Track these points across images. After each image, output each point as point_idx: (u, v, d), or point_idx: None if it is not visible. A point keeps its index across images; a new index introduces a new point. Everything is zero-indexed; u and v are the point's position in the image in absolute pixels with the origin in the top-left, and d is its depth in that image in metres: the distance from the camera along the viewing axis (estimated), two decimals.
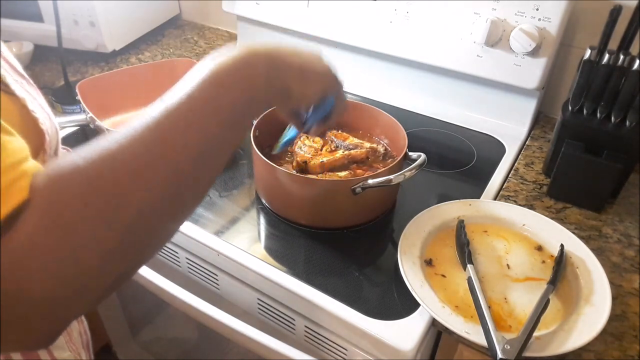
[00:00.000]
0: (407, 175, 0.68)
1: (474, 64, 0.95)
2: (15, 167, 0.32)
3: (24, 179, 0.31)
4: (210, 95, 0.38)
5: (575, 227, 0.75)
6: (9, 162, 0.31)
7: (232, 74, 0.40)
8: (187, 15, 1.44)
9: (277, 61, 0.44)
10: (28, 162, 0.33)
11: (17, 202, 0.31)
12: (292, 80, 0.45)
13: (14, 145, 0.33)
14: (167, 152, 0.35)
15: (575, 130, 0.78)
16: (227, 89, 0.39)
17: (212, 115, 0.38)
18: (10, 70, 0.43)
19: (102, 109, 0.91)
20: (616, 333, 0.59)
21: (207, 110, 0.37)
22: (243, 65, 0.41)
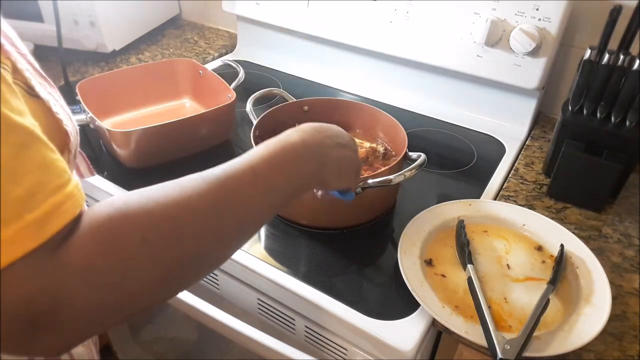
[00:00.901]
0: (407, 175, 0.68)
1: (474, 64, 0.95)
2: (63, 188, 0.34)
3: (71, 200, 0.34)
4: (266, 176, 0.44)
5: (575, 227, 0.75)
6: (58, 183, 0.34)
7: (289, 164, 0.46)
8: (187, 15, 1.44)
9: (325, 158, 0.51)
10: (70, 184, 0.35)
11: (65, 222, 0.33)
12: (331, 175, 0.53)
13: (60, 164, 0.35)
14: (219, 214, 0.40)
15: (575, 130, 0.78)
16: (281, 176, 0.45)
17: (263, 193, 0.43)
18: (33, 72, 0.43)
19: (102, 109, 0.91)
20: (616, 333, 0.59)
21: (261, 188, 0.43)
22: (297, 158, 0.48)
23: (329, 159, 0.52)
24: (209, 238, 0.39)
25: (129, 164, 0.84)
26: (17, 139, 0.32)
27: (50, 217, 0.32)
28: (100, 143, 0.91)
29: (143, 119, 0.98)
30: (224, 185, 0.41)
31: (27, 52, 0.45)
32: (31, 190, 0.32)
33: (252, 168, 0.43)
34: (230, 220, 0.41)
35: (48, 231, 0.32)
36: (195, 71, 1.01)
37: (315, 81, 1.16)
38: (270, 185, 0.44)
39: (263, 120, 0.80)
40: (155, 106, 1.02)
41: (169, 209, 0.37)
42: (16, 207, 0.31)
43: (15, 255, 0.31)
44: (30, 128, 0.33)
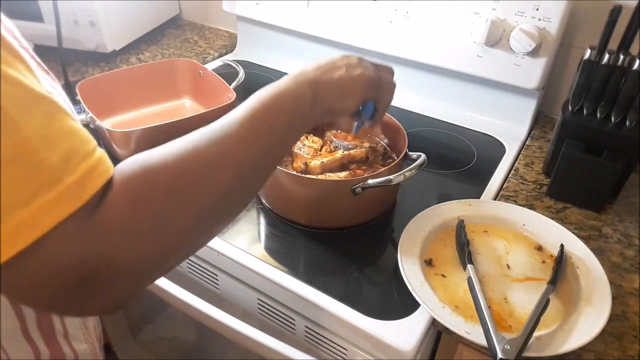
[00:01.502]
0: (407, 175, 0.68)
1: (474, 64, 0.95)
2: (94, 152, 0.36)
3: (103, 163, 0.36)
4: (264, 117, 0.46)
5: (575, 227, 0.75)
6: (88, 149, 0.35)
7: (281, 101, 0.48)
8: (187, 15, 1.44)
9: (318, 86, 0.51)
10: (99, 148, 0.37)
11: (101, 183, 0.35)
12: (333, 101, 0.53)
13: (85, 132, 0.36)
14: (231, 159, 0.42)
15: (575, 130, 0.78)
16: (277, 113, 0.47)
17: (268, 133, 0.45)
18: (36, 66, 0.43)
19: (102, 109, 0.91)
20: (616, 333, 0.59)
21: (264, 129, 0.45)
22: (290, 93, 0.49)
23: (322, 84, 0.52)
24: (227, 180, 0.41)
25: None
26: (45, 109, 0.33)
27: (87, 179, 0.34)
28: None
29: (143, 119, 0.98)
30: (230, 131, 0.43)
31: (29, 46, 0.45)
32: (66, 156, 0.33)
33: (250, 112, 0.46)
34: (243, 162, 0.43)
35: (87, 192, 0.34)
36: (195, 71, 1.01)
37: None
38: (268, 124, 0.46)
39: None
40: (155, 106, 1.02)
41: (186, 159, 0.40)
42: (56, 172, 0.32)
43: (59, 218, 0.32)
44: (52, 98, 0.34)
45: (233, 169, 0.42)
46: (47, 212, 0.32)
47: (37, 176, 0.31)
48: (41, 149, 0.32)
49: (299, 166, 0.76)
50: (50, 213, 0.32)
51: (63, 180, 0.32)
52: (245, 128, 0.45)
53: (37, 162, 0.32)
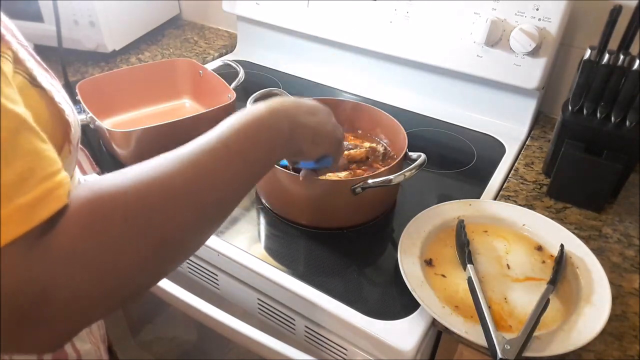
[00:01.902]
0: (407, 175, 0.68)
1: (474, 64, 0.95)
2: (54, 176, 0.34)
3: (62, 188, 0.34)
4: (239, 147, 0.44)
5: (575, 227, 0.75)
6: (49, 171, 0.34)
7: (259, 132, 0.46)
8: (187, 15, 1.44)
9: (296, 125, 0.50)
10: (62, 172, 0.35)
11: (55, 209, 0.33)
12: (305, 143, 0.53)
13: (51, 154, 0.35)
14: (197, 189, 0.40)
15: (575, 130, 0.78)
16: (255, 144, 0.45)
17: (238, 164, 0.43)
18: (35, 63, 0.43)
19: (102, 109, 0.91)
20: (616, 333, 0.59)
21: (235, 159, 0.43)
22: (269, 125, 0.47)
23: (300, 125, 0.51)
24: (189, 215, 0.39)
25: (129, 164, 0.84)
26: (8, 124, 0.32)
27: (42, 202, 0.32)
28: (100, 143, 0.91)
29: (143, 119, 0.98)
30: (198, 162, 0.41)
31: (28, 44, 0.45)
32: (23, 175, 0.32)
33: (224, 141, 0.43)
34: (209, 196, 0.41)
35: (38, 216, 0.32)
36: (195, 71, 1.01)
37: (315, 81, 1.16)
38: (244, 156, 0.44)
39: None
40: (155, 106, 1.02)
41: (145, 188, 0.37)
42: (7, 191, 0.31)
43: (4, 240, 0.30)
44: (22, 116, 0.33)
45: (197, 203, 0.40)
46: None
47: None
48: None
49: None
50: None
51: (14, 200, 0.31)
52: (215, 158, 0.42)
53: None
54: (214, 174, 0.41)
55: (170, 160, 0.40)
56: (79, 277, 0.33)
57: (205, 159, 0.41)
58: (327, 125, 0.56)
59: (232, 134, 0.44)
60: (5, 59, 0.36)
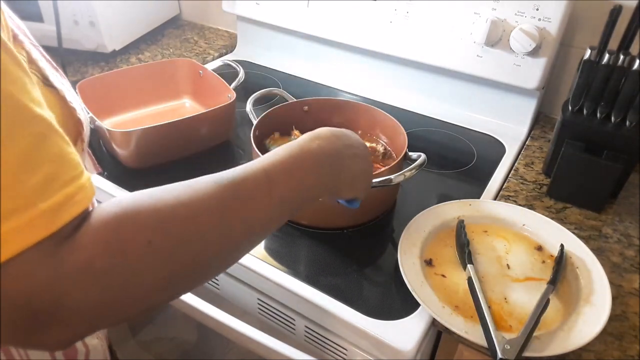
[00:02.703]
0: (407, 175, 0.68)
1: (474, 64, 0.95)
2: (76, 180, 0.34)
3: (83, 192, 0.34)
4: (283, 184, 0.43)
5: (575, 227, 0.75)
6: (71, 175, 0.34)
7: (306, 171, 0.46)
8: (187, 15, 1.44)
9: (340, 168, 0.50)
10: (83, 177, 0.35)
11: (75, 214, 0.33)
12: (342, 186, 0.52)
13: (74, 157, 0.35)
14: (229, 219, 0.39)
15: (575, 130, 0.78)
16: (297, 183, 0.45)
17: (274, 202, 0.42)
18: (46, 63, 0.44)
19: (102, 109, 0.91)
20: (616, 333, 0.59)
21: (275, 195, 0.42)
22: (316, 166, 0.47)
23: (344, 168, 0.50)
24: (216, 243, 0.38)
25: (129, 164, 0.84)
26: (36, 130, 0.32)
27: (63, 207, 0.32)
28: (100, 143, 0.91)
29: (143, 119, 0.98)
30: (236, 191, 0.40)
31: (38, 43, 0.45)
32: (46, 180, 0.32)
33: (267, 174, 0.42)
34: (240, 226, 0.40)
35: (59, 221, 0.32)
36: (195, 71, 1.01)
37: (315, 81, 1.16)
38: (284, 192, 0.43)
39: (263, 120, 0.80)
40: (155, 106, 1.02)
41: (177, 211, 0.36)
42: (31, 196, 0.31)
43: (27, 244, 0.30)
44: (48, 120, 0.33)
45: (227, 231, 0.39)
46: (16, 237, 0.30)
47: (11, 198, 0.30)
48: (22, 170, 0.31)
49: None
50: (18, 238, 0.30)
51: (37, 205, 0.31)
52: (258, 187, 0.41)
53: (12, 184, 0.30)
54: (249, 204, 0.40)
55: (208, 185, 0.39)
56: (93, 291, 0.33)
57: (242, 188, 0.40)
58: (366, 170, 0.55)
59: (275, 167, 0.43)
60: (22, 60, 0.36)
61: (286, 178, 0.43)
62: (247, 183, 0.41)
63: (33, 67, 0.40)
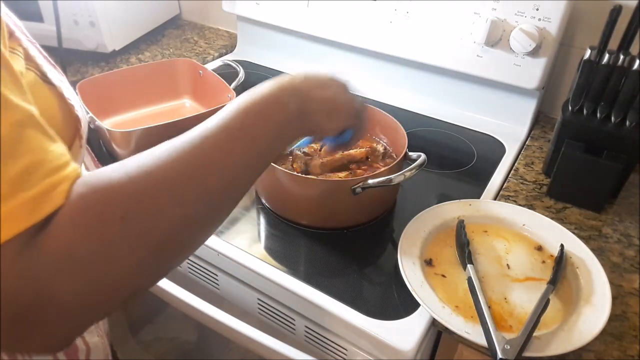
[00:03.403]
0: (407, 175, 0.68)
1: (474, 64, 0.95)
2: (60, 170, 0.33)
3: (65, 183, 0.32)
4: (246, 125, 0.41)
5: (575, 227, 0.75)
6: (55, 165, 0.33)
7: (267, 108, 0.43)
8: (187, 15, 1.44)
9: (307, 100, 0.47)
10: (69, 167, 0.34)
11: (56, 206, 0.32)
12: (320, 118, 0.50)
13: (58, 149, 0.34)
14: (203, 175, 0.37)
15: (575, 130, 0.78)
16: (262, 121, 0.42)
17: (246, 144, 0.40)
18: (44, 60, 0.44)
19: (102, 109, 0.91)
20: (616, 333, 0.59)
21: (243, 139, 0.40)
22: (276, 101, 0.44)
23: (311, 100, 0.48)
24: (196, 204, 0.36)
25: None
26: (16, 118, 0.31)
27: (46, 196, 0.31)
28: (100, 143, 0.91)
29: (143, 119, 0.98)
30: (202, 146, 0.38)
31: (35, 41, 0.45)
32: (28, 169, 0.31)
33: (227, 122, 0.40)
34: (216, 181, 0.38)
35: (41, 212, 0.31)
36: (195, 71, 1.01)
37: None
38: (253, 134, 0.41)
39: None
40: (155, 106, 1.02)
41: (145, 180, 0.34)
42: (12, 185, 0.30)
43: (7, 235, 0.29)
44: (29, 111, 0.33)
45: (201, 191, 0.37)
46: None
47: None
48: (2, 158, 0.30)
49: (299, 166, 0.76)
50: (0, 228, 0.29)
51: (18, 194, 0.30)
52: (221, 138, 0.39)
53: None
54: (219, 157, 0.39)
55: (172, 147, 0.37)
56: (75, 280, 0.31)
57: (207, 143, 0.39)
58: (341, 97, 0.53)
59: (237, 115, 0.41)
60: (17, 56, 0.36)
61: (253, 120, 0.42)
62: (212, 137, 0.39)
63: (31, 64, 0.40)
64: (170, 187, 0.35)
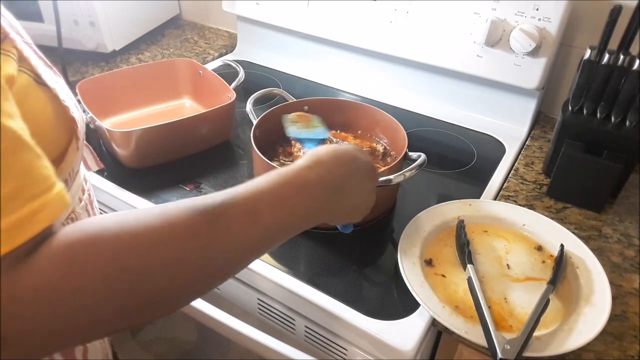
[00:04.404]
0: (407, 175, 0.68)
1: (474, 64, 0.95)
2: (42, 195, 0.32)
3: (47, 208, 0.32)
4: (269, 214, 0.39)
5: (575, 227, 0.75)
6: (36, 191, 0.32)
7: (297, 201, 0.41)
8: (187, 15, 1.44)
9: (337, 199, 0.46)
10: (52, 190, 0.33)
11: (37, 232, 0.31)
12: (336, 218, 0.50)
13: (43, 171, 0.33)
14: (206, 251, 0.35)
15: (575, 130, 0.78)
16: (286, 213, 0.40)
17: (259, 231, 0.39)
18: (39, 61, 0.43)
19: (102, 109, 0.91)
20: (616, 333, 0.59)
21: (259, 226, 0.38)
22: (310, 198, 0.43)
23: (343, 199, 0.47)
24: (185, 275, 0.35)
25: (129, 164, 0.84)
26: (3, 143, 0.31)
27: (25, 224, 0.31)
28: (100, 143, 0.91)
29: (143, 119, 0.98)
30: (215, 219, 0.36)
31: (32, 41, 0.45)
32: (10, 195, 0.30)
33: (252, 203, 0.39)
34: (217, 257, 0.36)
35: (19, 238, 0.30)
36: (195, 71, 1.01)
37: (315, 81, 1.16)
38: (269, 223, 0.39)
39: (263, 120, 0.80)
40: (155, 106, 1.02)
41: (140, 240, 0.33)
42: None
43: None
44: (18, 132, 0.32)
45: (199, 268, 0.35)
46: None
47: None
48: None
49: None
50: None
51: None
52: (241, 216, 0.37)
53: None
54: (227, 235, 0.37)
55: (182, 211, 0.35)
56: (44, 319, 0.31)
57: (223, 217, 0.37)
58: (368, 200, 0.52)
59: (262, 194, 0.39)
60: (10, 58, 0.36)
61: (274, 209, 0.40)
62: (228, 211, 0.37)
63: (24, 65, 0.40)
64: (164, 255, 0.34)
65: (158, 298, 0.34)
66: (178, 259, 0.34)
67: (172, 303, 0.37)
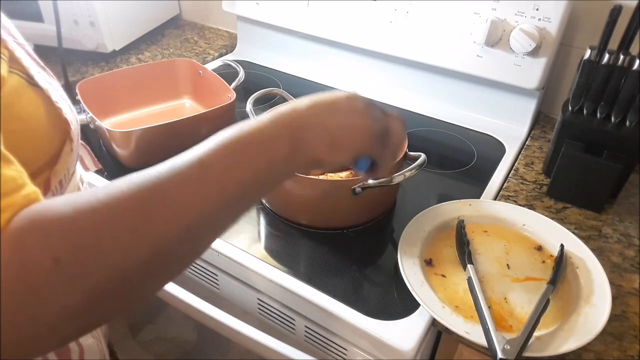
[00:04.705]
0: (407, 175, 0.68)
1: (474, 64, 0.95)
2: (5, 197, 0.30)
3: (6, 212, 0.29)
4: (225, 165, 0.35)
5: (575, 227, 0.75)
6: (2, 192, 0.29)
7: (251, 147, 0.38)
8: (187, 15, 1.44)
9: (304, 132, 0.41)
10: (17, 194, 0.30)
11: None
12: (319, 151, 0.42)
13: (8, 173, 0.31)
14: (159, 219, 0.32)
15: (575, 130, 0.78)
16: (244, 162, 0.37)
17: (222, 187, 0.35)
18: (32, 62, 0.43)
19: (102, 109, 0.91)
20: (616, 333, 0.59)
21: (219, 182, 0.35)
22: (263, 138, 0.39)
23: (310, 129, 0.41)
24: (143, 250, 0.31)
25: (129, 164, 0.84)
26: None
27: None
28: (100, 143, 0.91)
29: (143, 119, 0.98)
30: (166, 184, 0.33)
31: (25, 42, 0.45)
32: None
33: (199, 159, 0.35)
34: (175, 228, 0.32)
35: None
36: (195, 71, 1.01)
37: (315, 81, 1.16)
38: (232, 176, 0.36)
39: None
40: (155, 106, 1.02)
41: (88, 217, 0.30)
42: None
43: None
44: None
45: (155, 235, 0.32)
46: None
47: None
48: None
49: None
50: None
51: None
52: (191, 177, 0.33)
53: None
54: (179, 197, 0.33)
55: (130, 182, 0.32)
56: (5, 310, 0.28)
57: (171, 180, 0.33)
58: (354, 118, 0.44)
59: (216, 152, 0.36)
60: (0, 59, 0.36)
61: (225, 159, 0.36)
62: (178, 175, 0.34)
63: (16, 67, 0.40)
64: (115, 230, 0.30)
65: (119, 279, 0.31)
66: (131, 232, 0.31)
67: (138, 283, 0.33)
